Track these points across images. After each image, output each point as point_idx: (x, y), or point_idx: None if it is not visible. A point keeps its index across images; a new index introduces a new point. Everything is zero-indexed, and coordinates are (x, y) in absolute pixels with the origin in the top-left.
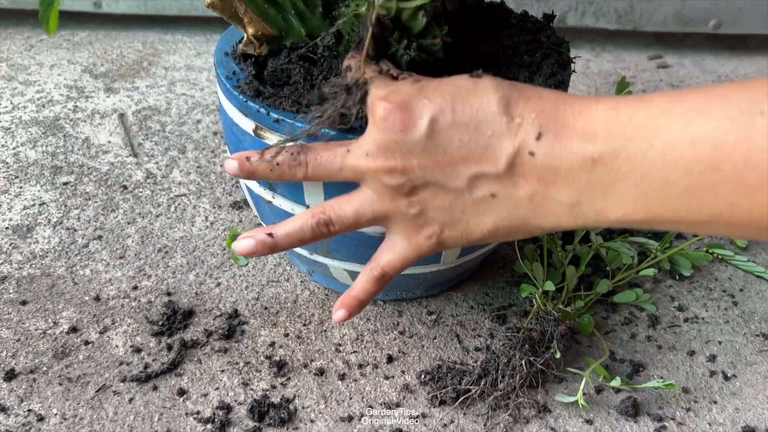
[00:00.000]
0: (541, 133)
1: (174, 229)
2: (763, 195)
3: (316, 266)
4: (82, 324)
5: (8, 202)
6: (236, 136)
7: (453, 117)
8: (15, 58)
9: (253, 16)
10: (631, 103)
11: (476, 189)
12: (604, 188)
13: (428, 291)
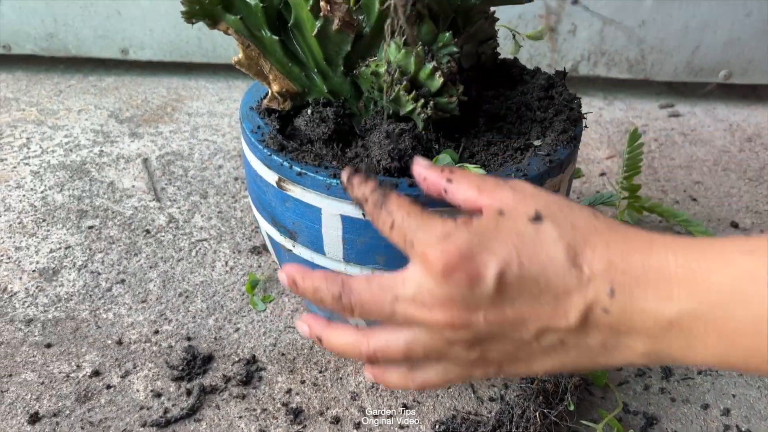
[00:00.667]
0: (614, 290)
1: (195, 274)
2: None
3: (334, 315)
4: (105, 368)
5: (36, 245)
6: (259, 187)
7: (520, 271)
8: (44, 103)
9: (277, 74)
10: (708, 259)
11: (544, 340)
12: (681, 346)
13: None
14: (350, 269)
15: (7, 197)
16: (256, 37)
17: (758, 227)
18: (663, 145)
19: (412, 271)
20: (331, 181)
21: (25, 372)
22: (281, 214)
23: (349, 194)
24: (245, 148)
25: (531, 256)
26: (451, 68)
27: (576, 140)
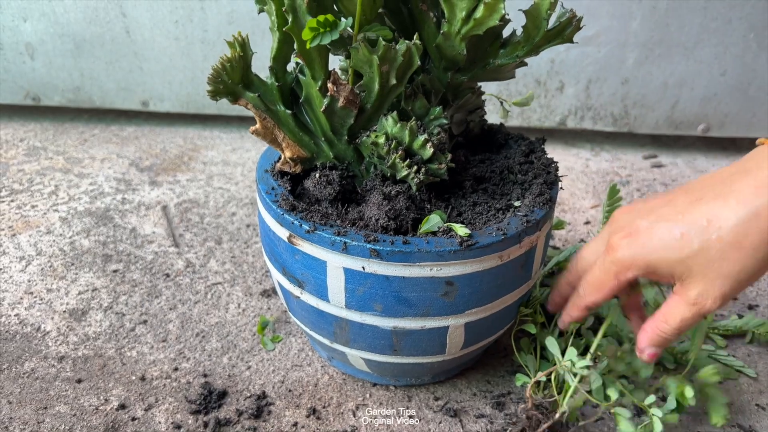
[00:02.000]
0: None
1: (210, 315)
2: None
3: (335, 353)
4: (130, 401)
5: (66, 287)
6: (272, 241)
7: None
8: (71, 152)
9: (290, 142)
10: None
11: None
12: None
13: (435, 378)
14: (351, 315)
15: (39, 242)
16: (272, 111)
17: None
18: (644, 195)
19: None
20: (335, 239)
21: (58, 405)
22: (291, 266)
23: None
24: (260, 206)
25: None
26: (440, 139)
27: (551, 202)
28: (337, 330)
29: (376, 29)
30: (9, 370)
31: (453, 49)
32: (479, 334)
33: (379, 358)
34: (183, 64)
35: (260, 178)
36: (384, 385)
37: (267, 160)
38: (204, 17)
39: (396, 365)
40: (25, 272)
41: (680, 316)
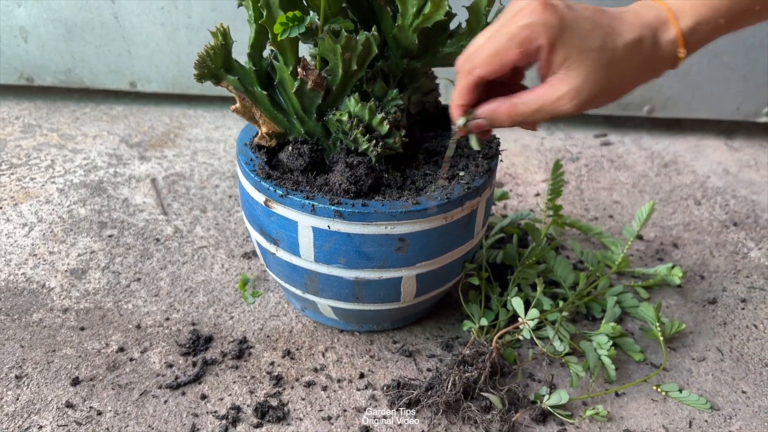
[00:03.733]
0: None
1: (197, 274)
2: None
3: (307, 303)
4: (128, 345)
5: (66, 250)
6: (251, 206)
7: None
8: (64, 129)
9: (266, 119)
10: None
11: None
12: None
13: (394, 324)
14: (319, 268)
15: (39, 210)
16: (250, 92)
17: (659, 240)
18: (592, 170)
19: None
20: (305, 201)
21: (65, 348)
22: (267, 226)
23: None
24: (240, 175)
25: None
26: (396, 117)
27: (491, 172)
28: (308, 281)
29: (340, 22)
30: (19, 320)
31: (407, 40)
32: (429, 285)
33: (344, 305)
34: (169, 48)
35: (240, 150)
36: (349, 331)
37: (246, 135)
38: (188, 4)
39: (359, 312)
40: (28, 237)
41: (540, 103)
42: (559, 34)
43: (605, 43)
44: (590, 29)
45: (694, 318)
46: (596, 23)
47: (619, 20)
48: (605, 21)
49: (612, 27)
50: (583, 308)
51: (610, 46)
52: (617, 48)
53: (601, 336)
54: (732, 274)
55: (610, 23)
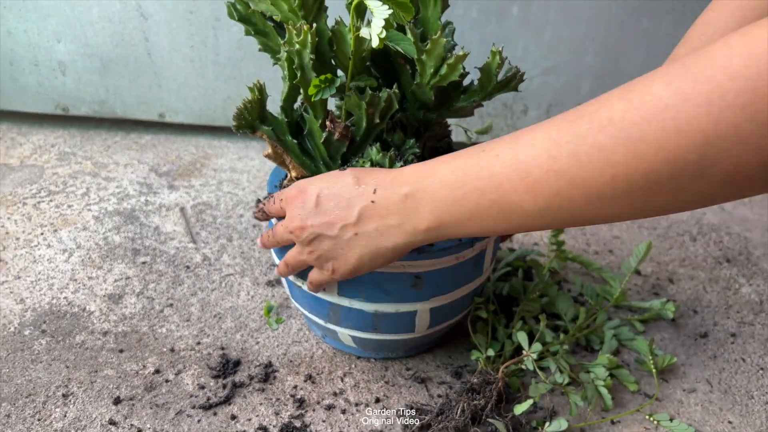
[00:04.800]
0: (376, 189)
1: (225, 300)
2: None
3: (328, 332)
4: (163, 367)
5: (103, 275)
6: None
7: (329, 190)
8: (97, 157)
9: (295, 164)
10: (428, 162)
11: (345, 234)
12: (414, 211)
13: (407, 352)
14: (342, 301)
15: (77, 237)
16: (281, 140)
17: (656, 275)
18: None
19: None
20: None
21: (106, 369)
22: None
23: (261, 215)
24: None
25: (335, 182)
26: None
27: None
28: (330, 313)
29: (364, 79)
30: (64, 342)
31: (424, 95)
32: (442, 317)
33: (363, 335)
34: (197, 82)
35: (271, 191)
36: (366, 357)
37: (276, 177)
38: (216, 43)
39: (376, 341)
40: (68, 262)
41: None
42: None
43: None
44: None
45: (686, 351)
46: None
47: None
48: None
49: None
50: (582, 340)
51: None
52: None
53: (599, 367)
54: (723, 309)
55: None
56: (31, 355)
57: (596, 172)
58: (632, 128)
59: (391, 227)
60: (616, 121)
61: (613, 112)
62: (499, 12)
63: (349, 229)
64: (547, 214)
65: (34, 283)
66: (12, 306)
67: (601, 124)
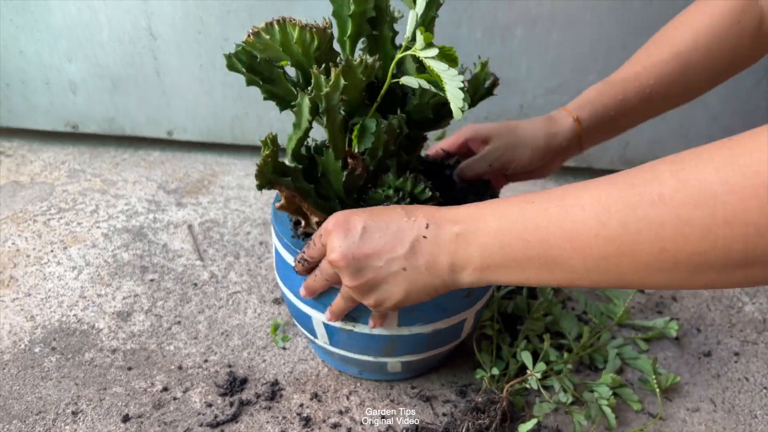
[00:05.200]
0: (428, 225)
1: (232, 318)
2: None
3: (372, 366)
4: (171, 385)
5: (112, 293)
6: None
7: (375, 222)
8: (106, 174)
9: (314, 210)
10: (479, 204)
11: (392, 266)
12: (464, 251)
13: (412, 372)
14: (401, 331)
15: (87, 254)
16: (298, 188)
17: (659, 293)
18: None
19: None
20: None
21: (115, 387)
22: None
23: (304, 265)
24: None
25: (381, 214)
26: (432, 186)
27: None
28: (386, 346)
29: (375, 115)
30: (73, 359)
31: (423, 114)
32: (479, 316)
33: (415, 357)
34: (205, 101)
35: (289, 244)
36: (371, 378)
37: (283, 225)
38: (224, 63)
39: (424, 359)
40: (77, 280)
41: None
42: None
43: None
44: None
45: (689, 369)
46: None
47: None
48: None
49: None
50: (586, 359)
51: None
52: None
53: (602, 387)
54: (727, 327)
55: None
56: (41, 372)
57: (645, 244)
58: (681, 209)
59: (441, 265)
60: (666, 199)
61: (663, 188)
62: (503, 33)
63: (398, 262)
64: (593, 275)
65: (44, 301)
66: (22, 323)
67: (651, 199)
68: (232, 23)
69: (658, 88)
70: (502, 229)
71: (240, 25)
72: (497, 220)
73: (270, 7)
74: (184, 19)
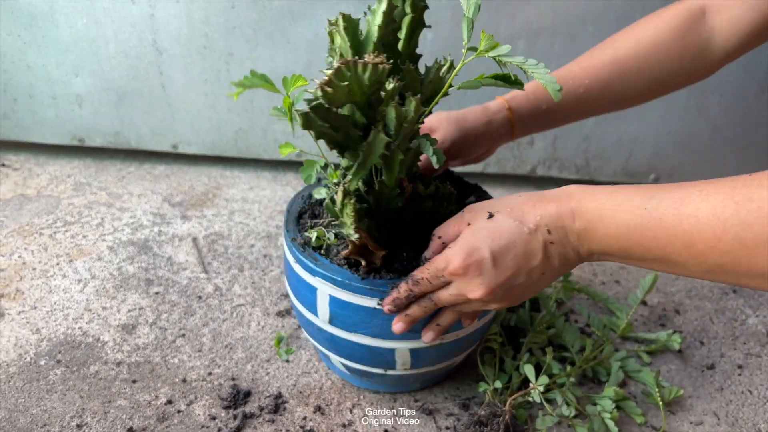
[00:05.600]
0: (549, 229)
1: (236, 331)
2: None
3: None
4: (175, 398)
5: (117, 306)
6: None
7: (499, 247)
8: (111, 188)
9: (376, 245)
10: (591, 202)
11: (534, 274)
12: (586, 244)
13: (414, 386)
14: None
15: (92, 267)
16: (372, 235)
17: (662, 305)
18: None
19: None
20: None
21: (119, 399)
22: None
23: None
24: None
25: (499, 236)
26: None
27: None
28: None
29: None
30: (78, 372)
31: None
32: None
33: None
34: (209, 114)
35: (353, 280)
36: (375, 390)
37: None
38: (229, 77)
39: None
40: (83, 293)
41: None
42: None
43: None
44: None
45: (693, 383)
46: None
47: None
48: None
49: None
50: (589, 372)
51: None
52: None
53: (605, 400)
54: (730, 340)
55: None
56: (47, 385)
57: (760, 258)
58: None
59: (570, 256)
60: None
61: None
62: None
63: (536, 271)
64: (708, 276)
65: (50, 314)
66: (28, 336)
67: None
68: (237, 39)
69: (593, 90)
70: (620, 236)
71: (245, 40)
72: (616, 226)
73: (275, 23)
74: (189, 34)
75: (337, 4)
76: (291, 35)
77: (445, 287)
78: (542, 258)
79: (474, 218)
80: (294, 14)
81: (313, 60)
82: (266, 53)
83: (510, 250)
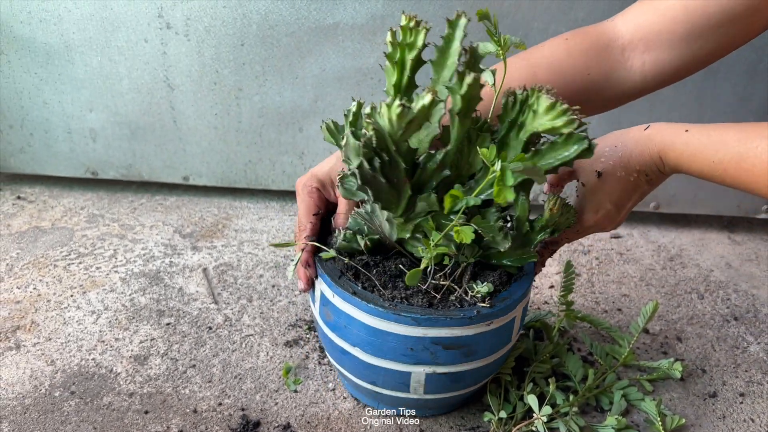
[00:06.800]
0: (647, 173)
1: (245, 361)
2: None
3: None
4: (186, 429)
5: (129, 337)
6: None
7: (618, 197)
8: (124, 219)
9: None
10: (670, 134)
11: (639, 198)
12: (665, 163)
13: (423, 413)
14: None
15: (105, 299)
16: None
17: (664, 333)
18: (602, 263)
19: None
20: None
21: (132, 430)
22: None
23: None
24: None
25: (613, 190)
26: None
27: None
28: None
29: None
30: (92, 403)
31: None
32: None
33: None
34: (220, 147)
35: (397, 310)
36: (382, 418)
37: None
38: (239, 111)
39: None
40: (96, 324)
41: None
42: None
43: None
44: None
45: (695, 411)
46: None
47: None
48: None
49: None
50: (592, 400)
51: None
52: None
53: (608, 429)
54: (732, 368)
55: None
56: (61, 417)
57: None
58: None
59: (662, 179)
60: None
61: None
62: None
63: (640, 196)
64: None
65: (64, 345)
66: (43, 368)
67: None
68: (246, 74)
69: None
70: (699, 175)
71: (254, 76)
72: (694, 171)
73: (283, 60)
74: (200, 71)
75: (343, 42)
76: (298, 71)
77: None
78: (644, 189)
79: (586, 179)
80: (301, 51)
81: (319, 94)
82: (274, 88)
83: (624, 196)
